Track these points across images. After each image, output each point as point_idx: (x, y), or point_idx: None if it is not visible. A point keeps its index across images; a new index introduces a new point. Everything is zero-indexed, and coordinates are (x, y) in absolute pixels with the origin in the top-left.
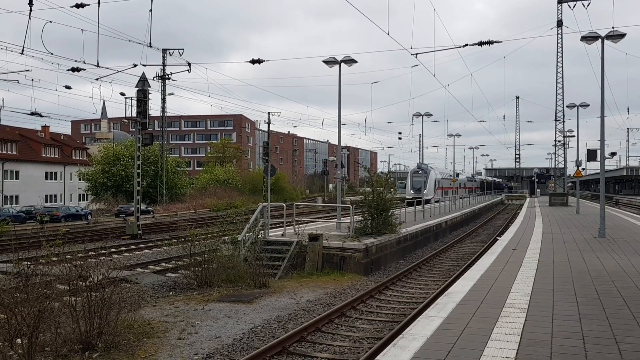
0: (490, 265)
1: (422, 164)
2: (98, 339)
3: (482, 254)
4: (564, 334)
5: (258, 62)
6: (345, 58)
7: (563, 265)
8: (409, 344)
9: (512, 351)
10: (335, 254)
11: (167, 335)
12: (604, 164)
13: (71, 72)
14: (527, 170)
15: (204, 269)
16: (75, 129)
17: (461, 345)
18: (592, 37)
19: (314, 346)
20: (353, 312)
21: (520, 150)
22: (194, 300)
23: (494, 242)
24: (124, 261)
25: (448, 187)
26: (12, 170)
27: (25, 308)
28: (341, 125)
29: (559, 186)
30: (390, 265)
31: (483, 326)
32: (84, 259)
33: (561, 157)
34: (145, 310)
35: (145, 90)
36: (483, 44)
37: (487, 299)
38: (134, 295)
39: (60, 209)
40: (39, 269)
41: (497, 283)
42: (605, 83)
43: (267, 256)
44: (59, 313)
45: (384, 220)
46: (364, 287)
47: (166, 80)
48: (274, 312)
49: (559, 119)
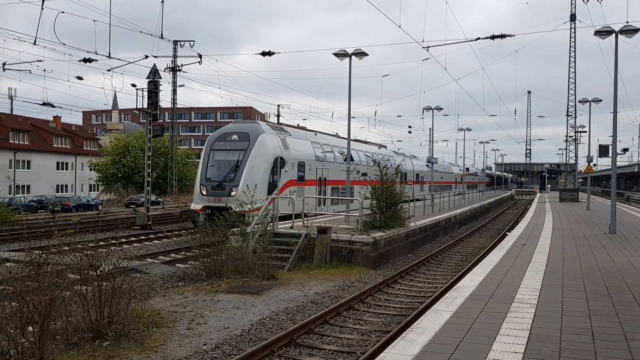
0: (500, 261)
1: (247, 123)
2: (108, 328)
3: (491, 249)
4: (573, 329)
5: (269, 54)
6: (355, 51)
7: (573, 261)
8: (417, 337)
9: (521, 346)
10: (343, 247)
11: (177, 325)
12: (616, 160)
13: (83, 63)
14: (537, 165)
15: (213, 260)
16: (87, 120)
17: (470, 339)
18: (606, 31)
19: (322, 338)
20: (361, 305)
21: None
22: (203, 291)
23: (504, 237)
24: (134, 251)
25: (427, 182)
26: (24, 160)
27: (36, 296)
28: (351, 118)
29: (569, 182)
30: (399, 259)
31: (492, 321)
32: (94, 249)
33: (572, 152)
34: (154, 300)
35: (156, 81)
36: (495, 37)
37: (496, 294)
38: (144, 285)
39: (71, 199)
40: (51, 258)
41: (507, 278)
42: (618, 78)
43: (276, 248)
44: (70, 302)
45: (392, 213)
46: (372, 280)
47: (177, 71)
48: (282, 304)
49: (570, 114)
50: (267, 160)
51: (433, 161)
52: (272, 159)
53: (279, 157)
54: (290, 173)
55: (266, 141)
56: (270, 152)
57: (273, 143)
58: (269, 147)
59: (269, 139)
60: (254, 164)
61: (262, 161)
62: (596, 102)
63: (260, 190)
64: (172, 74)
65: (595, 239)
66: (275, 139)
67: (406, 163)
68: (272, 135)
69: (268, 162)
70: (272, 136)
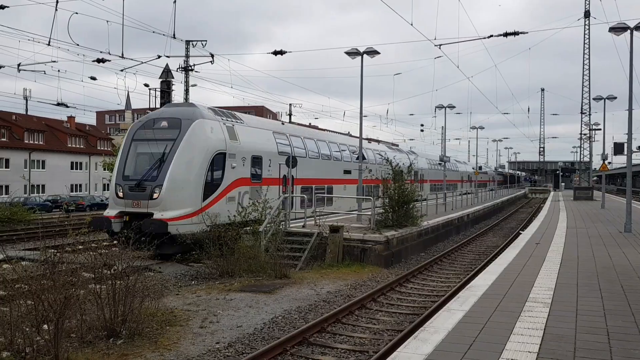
0: (513, 260)
1: (181, 106)
2: (122, 326)
3: (504, 248)
4: (588, 329)
5: (280, 53)
6: (367, 49)
7: (588, 260)
8: (430, 336)
9: (535, 346)
10: (355, 246)
11: (190, 323)
12: (631, 157)
13: (96, 63)
14: (551, 163)
15: (225, 259)
16: (100, 120)
17: (483, 338)
18: (621, 28)
19: (334, 337)
20: (373, 304)
21: (545, 143)
22: (215, 290)
23: (517, 236)
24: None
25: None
26: (39, 160)
27: (51, 295)
28: (363, 117)
29: (584, 180)
30: (411, 257)
31: (505, 320)
32: (108, 248)
33: (587, 150)
34: (168, 298)
35: (169, 81)
36: (508, 34)
37: (509, 293)
38: (157, 284)
39: (85, 198)
40: (65, 256)
41: (520, 277)
42: (633, 75)
43: (288, 247)
44: (84, 300)
45: (405, 212)
46: (385, 279)
47: (189, 71)
48: (294, 302)
49: (585, 111)
50: (205, 152)
51: (445, 160)
52: (212, 152)
53: (221, 149)
54: (239, 170)
55: (203, 129)
56: (210, 143)
57: (214, 131)
58: (207, 136)
59: (208, 126)
60: (184, 157)
61: (197, 154)
62: (611, 100)
63: (192, 191)
64: (185, 73)
65: (611, 238)
66: (218, 126)
67: (418, 161)
68: (214, 122)
69: (205, 155)
70: (212, 123)
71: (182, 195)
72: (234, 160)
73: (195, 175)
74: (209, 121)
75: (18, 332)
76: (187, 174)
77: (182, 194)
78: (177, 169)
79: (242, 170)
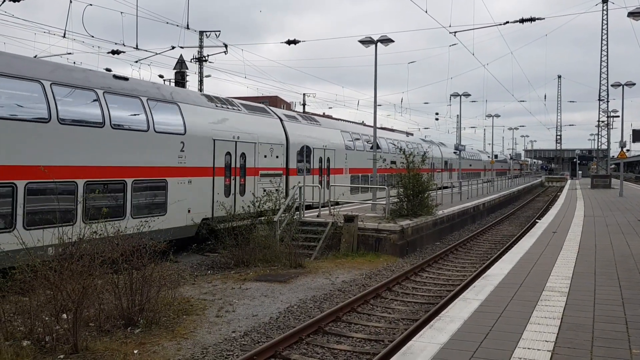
0: (530, 248)
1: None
2: (139, 315)
3: (520, 237)
4: (606, 318)
5: (294, 42)
6: (381, 37)
7: (605, 249)
8: (445, 325)
9: (552, 335)
10: (370, 235)
11: (206, 312)
12: None
13: (111, 55)
14: (568, 151)
15: (241, 248)
16: None
17: (499, 328)
18: None
19: (349, 326)
20: (388, 294)
21: (562, 131)
22: (231, 279)
23: (534, 224)
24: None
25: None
26: None
27: (70, 285)
28: (377, 106)
29: (601, 168)
30: (426, 247)
31: (522, 309)
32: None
33: (604, 138)
34: (184, 288)
35: (183, 72)
36: (525, 21)
37: (526, 282)
38: (174, 274)
39: None
40: (84, 247)
41: (537, 266)
42: None
43: (303, 237)
44: (102, 290)
45: (420, 201)
46: (400, 268)
47: (203, 62)
48: (309, 292)
49: (602, 98)
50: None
51: (461, 148)
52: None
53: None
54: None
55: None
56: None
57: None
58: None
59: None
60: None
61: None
62: (629, 86)
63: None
64: (199, 64)
65: (629, 226)
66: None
67: (433, 150)
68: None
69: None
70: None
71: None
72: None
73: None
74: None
75: (38, 322)
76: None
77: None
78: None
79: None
